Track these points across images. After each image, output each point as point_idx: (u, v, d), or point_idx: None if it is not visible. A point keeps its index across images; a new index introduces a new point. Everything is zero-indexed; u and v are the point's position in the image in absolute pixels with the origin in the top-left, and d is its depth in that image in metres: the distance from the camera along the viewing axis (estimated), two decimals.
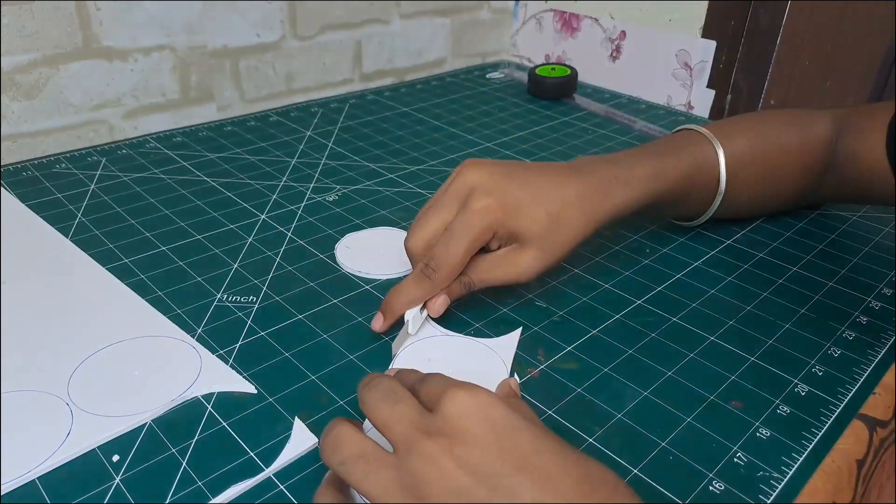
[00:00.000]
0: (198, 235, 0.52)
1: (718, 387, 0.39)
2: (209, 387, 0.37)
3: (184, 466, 0.33)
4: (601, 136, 0.75)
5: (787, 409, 0.38)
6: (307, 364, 0.40)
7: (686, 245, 0.53)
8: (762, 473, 0.34)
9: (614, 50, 0.90)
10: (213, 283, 0.47)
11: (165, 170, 0.62)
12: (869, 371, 0.41)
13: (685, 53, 0.83)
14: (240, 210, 0.56)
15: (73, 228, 0.52)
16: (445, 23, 0.94)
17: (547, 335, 0.43)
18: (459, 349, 0.42)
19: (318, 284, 0.47)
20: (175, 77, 0.72)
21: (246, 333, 0.42)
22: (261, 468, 0.33)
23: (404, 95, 0.85)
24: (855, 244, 0.54)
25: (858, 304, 0.47)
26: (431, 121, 0.77)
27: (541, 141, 0.73)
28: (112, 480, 0.32)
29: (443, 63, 0.97)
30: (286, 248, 0.51)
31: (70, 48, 0.64)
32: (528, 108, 0.82)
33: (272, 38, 0.77)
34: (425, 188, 0.61)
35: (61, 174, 0.61)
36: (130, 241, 0.51)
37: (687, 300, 0.47)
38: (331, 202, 0.58)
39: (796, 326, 0.44)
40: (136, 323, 0.42)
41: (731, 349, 0.42)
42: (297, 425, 0.35)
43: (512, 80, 0.93)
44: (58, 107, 0.66)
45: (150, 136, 0.69)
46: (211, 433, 0.35)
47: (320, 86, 0.84)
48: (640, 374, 0.40)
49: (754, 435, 0.36)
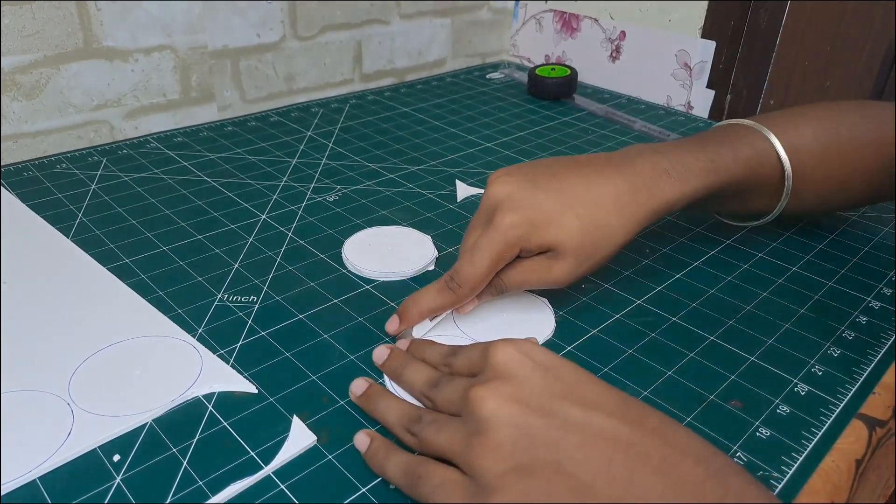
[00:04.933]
0: (198, 235, 0.52)
1: (718, 387, 0.39)
2: (210, 387, 0.37)
3: (184, 466, 0.33)
4: (601, 136, 0.75)
5: (787, 408, 0.38)
6: (307, 364, 0.40)
7: (686, 245, 0.53)
8: (762, 473, 0.34)
9: (614, 50, 0.90)
10: (213, 282, 0.47)
11: (166, 170, 0.62)
12: (868, 371, 0.41)
13: (685, 53, 0.83)
14: (240, 210, 0.56)
15: (73, 228, 0.52)
16: (445, 23, 0.94)
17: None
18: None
19: (319, 284, 0.47)
20: (176, 77, 0.72)
21: (246, 333, 0.42)
22: (261, 468, 0.33)
23: (404, 95, 0.85)
24: (855, 244, 0.54)
25: (858, 304, 0.47)
26: (431, 121, 0.77)
27: (541, 141, 0.73)
28: (113, 480, 0.32)
29: (443, 63, 0.97)
30: (287, 248, 0.51)
31: (71, 48, 0.64)
32: (528, 109, 0.83)
33: (272, 38, 0.77)
34: (425, 188, 0.61)
35: (62, 174, 0.61)
36: (131, 241, 0.51)
37: (687, 300, 0.47)
38: (331, 202, 0.58)
39: (796, 326, 0.44)
40: (137, 323, 0.42)
41: (731, 349, 0.42)
42: (295, 423, 0.35)
43: (512, 80, 0.93)
44: (58, 107, 0.66)
45: (151, 136, 0.70)
46: (211, 433, 0.35)
47: (320, 86, 0.84)
48: (640, 374, 0.40)
49: (754, 435, 0.36)
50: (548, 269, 0.41)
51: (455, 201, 0.59)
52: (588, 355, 0.41)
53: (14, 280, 0.45)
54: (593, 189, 0.41)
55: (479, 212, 0.42)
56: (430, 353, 0.38)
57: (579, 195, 0.40)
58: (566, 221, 0.40)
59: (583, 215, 0.40)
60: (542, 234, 0.40)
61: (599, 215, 0.40)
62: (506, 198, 0.40)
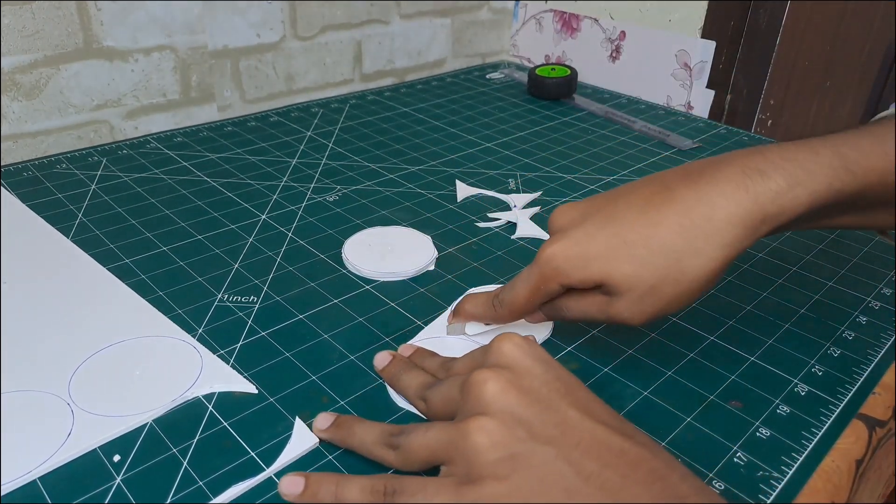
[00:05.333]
0: (198, 235, 0.52)
1: (718, 387, 0.39)
2: (210, 387, 0.37)
3: (185, 466, 0.33)
4: (601, 136, 0.75)
5: (787, 409, 0.38)
6: (307, 364, 0.40)
7: None
8: (762, 473, 0.34)
9: (614, 50, 0.90)
10: (213, 283, 0.47)
11: (166, 170, 0.62)
12: (868, 371, 0.41)
13: (685, 53, 0.83)
14: (240, 210, 0.56)
15: (73, 228, 0.52)
16: (445, 23, 0.94)
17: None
18: None
19: (319, 284, 0.47)
20: (175, 77, 0.72)
21: (246, 333, 0.42)
22: (261, 468, 0.33)
23: (404, 95, 0.85)
24: (855, 244, 0.54)
25: (858, 304, 0.47)
26: (431, 121, 0.77)
27: (541, 141, 0.73)
28: (113, 480, 0.32)
29: (443, 63, 0.97)
30: (287, 249, 0.51)
31: (71, 48, 0.64)
32: (528, 109, 0.83)
33: (272, 38, 0.77)
34: (425, 188, 0.61)
35: (62, 174, 0.61)
36: (131, 241, 0.51)
37: None
38: (331, 202, 0.58)
39: (796, 326, 0.44)
40: (137, 323, 0.42)
41: (731, 349, 0.42)
42: (297, 425, 0.35)
43: (512, 80, 0.93)
44: (58, 107, 0.66)
45: (151, 136, 0.70)
46: (212, 433, 0.35)
47: (320, 86, 0.84)
48: (640, 374, 0.40)
49: (754, 435, 0.36)
50: (606, 304, 0.36)
51: (455, 201, 0.59)
52: (588, 355, 0.41)
53: (14, 280, 0.45)
54: (651, 211, 0.34)
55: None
56: (430, 362, 0.38)
57: (633, 221, 0.34)
58: (612, 253, 0.34)
59: (635, 243, 0.34)
60: (585, 269, 0.35)
61: (660, 243, 0.33)
62: (556, 229, 0.37)
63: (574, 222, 0.36)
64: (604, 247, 0.34)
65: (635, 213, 0.34)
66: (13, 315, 0.42)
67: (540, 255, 0.36)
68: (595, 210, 0.36)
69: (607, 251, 0.34)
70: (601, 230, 0.35)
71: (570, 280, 0.35)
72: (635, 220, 0.34)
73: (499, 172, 0.65)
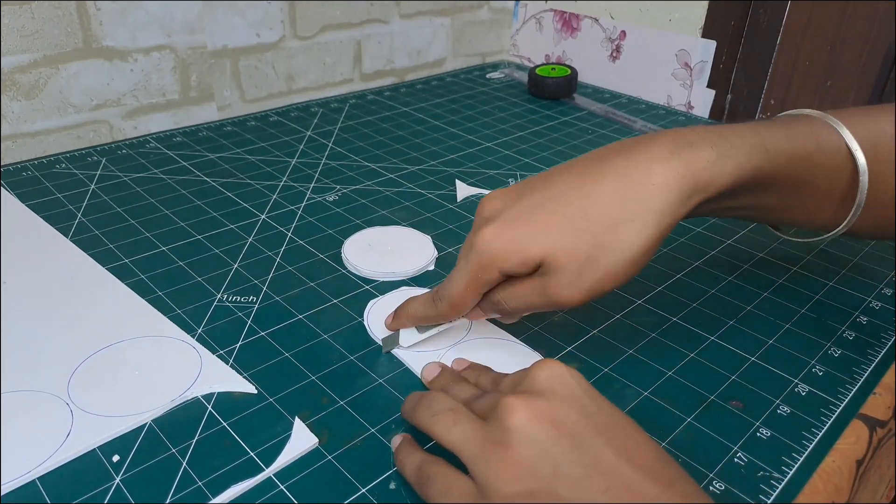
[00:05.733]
0: (198, 235, 0.52)
1: (718, 387, 0.39)
2: (209, 387, 0.37)
3: (184, 466, 0.33)
4: (601, 136, 0.75)
5: (787, 409, 0.38)
6: (307, 364, 0.40)
7: (686, 245, 0.53)
8: (762, 473, 0.34)
9: (614, 50, 0.90)
10: (213, 283, 0.47)
11: (165, 170, 0.62)
12: (869, 371, 0.41)
13: (685, 53, 0.83)
14: (240, 210, 0.56)
15: (73, 228, 0.52)
16: (445, 23, 0.94)
17: (547, 335, 0.43)
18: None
19: (319, 284, 0.47)
20: (175, 77, 0.72)
21: (246, 333, 0.42)
22: (261, 468, 0.33)
23: (404, 95, 0.85)
24: (855, 244, 0.54)
25: (858, 304, 0.47)
26: (431, 121, 0.77)
27: (541, 141, 0.73)
28: (112, 480, 0.32)
29: (443, 63, 0.97)
30: (286, 249, 0.51)
31: (70, 48, 0.64)
32: (528, 108, 0.82)
33: (272, 38, 0.77)
34: (425, 188, 0.61)
35: (61, 174, 0.61)
36: (130, 241, 0.51)
37: (687, 300, 0.47)
38: (331, 202, 0.58)
39: (796, 326, 0.44)
40: (137, 323, 0.42)
41: (731, 349, 0.42)
42: (297, 425, 0.35)
43: (512, 80, 0.93)
44: (58, 107, 0.66)
45: (151, 136, 0.69)
46: (211, 433, 0.35)
47: (320, 86, 0.84)
48: (640, 374, 0.40)
49: (754, 435, 0.36)
50: (544, 286, 0.34)
51: (455, 201, 0.59)
52: (588, 355, 0.41)
53: (14, 280, 0.45)
54: (587, 183, 0.34)
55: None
56: (484, 378, 0.36)
57: (570, 194, 0.34)
58: (552, 229, 0.33)
59: (573, 216, 0.33)
60: (525, 250, 0.34)
61: (597, 212, 0.33)
62: (487, 215, 0.36)
63: (507, 205, 0.35)
64: (543, 224, 0.34)
65: (571, 188, 0.34)
66: (13, 315, 0.42)
67: (474, 242, 0.35)
68: (529, 191, 0.35)
69: (547, 227, 0.34)
70: (539, 208, 0.34)
71: (510, 263, 0.34)
72: (572, 194, 0.34)
73: (499, 172, 0.65)
